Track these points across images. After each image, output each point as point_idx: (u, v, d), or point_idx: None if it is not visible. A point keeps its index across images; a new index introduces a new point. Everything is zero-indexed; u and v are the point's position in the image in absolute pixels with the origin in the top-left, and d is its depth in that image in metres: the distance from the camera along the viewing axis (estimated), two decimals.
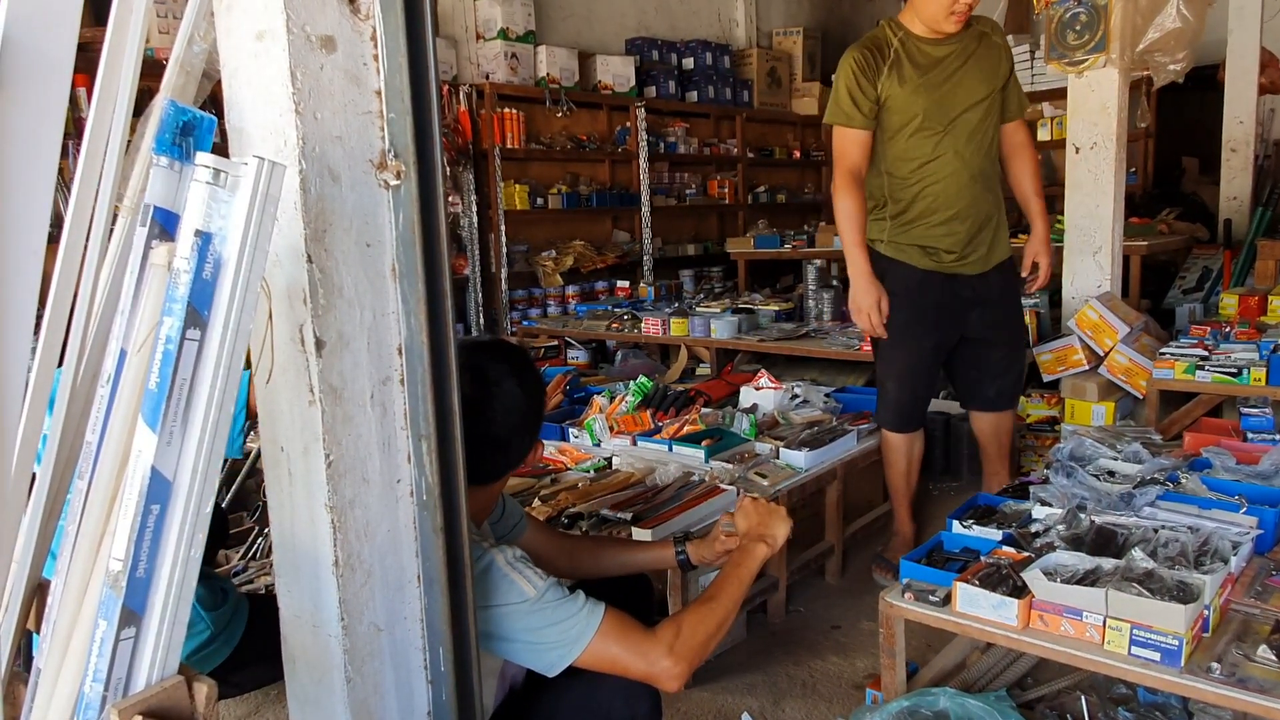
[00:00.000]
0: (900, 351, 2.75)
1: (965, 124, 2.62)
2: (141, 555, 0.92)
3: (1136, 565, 1.57)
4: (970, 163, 2.64)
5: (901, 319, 2.70)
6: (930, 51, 2.62)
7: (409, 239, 1.19)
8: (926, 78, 2.59)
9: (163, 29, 3.77)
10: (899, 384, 2.79)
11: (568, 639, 1.36)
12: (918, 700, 1.65)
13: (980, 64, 2.64)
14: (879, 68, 2.60)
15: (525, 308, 5.94)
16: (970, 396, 2.92)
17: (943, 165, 2.63)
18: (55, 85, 1.11)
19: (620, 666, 1.38)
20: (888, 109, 2.63)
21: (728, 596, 1.52)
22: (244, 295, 0.96)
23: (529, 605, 1.36)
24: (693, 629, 1.43)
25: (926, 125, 2.61)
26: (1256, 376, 2.96)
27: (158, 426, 0.92)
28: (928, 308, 2.70)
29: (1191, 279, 5.20)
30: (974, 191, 2.67)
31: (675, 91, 7.00)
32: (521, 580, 1.37)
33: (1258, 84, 5.47)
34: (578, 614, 1.37)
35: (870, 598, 1.81)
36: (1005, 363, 2.82)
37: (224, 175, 0.95)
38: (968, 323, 2.75)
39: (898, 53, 2.61)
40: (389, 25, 1.15)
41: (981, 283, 2.73)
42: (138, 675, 0.94)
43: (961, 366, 2.87)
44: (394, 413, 1.23)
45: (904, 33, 2.63)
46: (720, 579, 1.57)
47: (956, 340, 2.78)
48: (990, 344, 2.79)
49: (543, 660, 1.38)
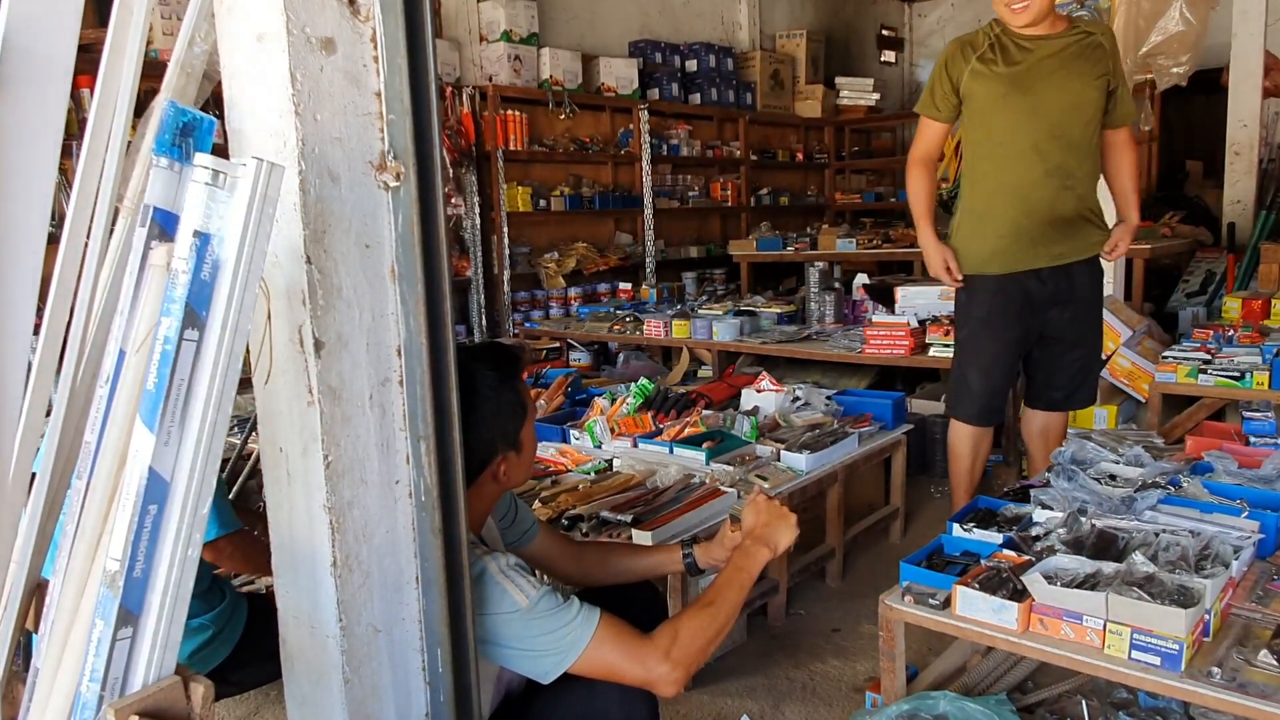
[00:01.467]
0: (983, 343, 2.79)
1: (1048, 118, 2.64)
2: (139, 555, 0.92)
3: (1137, 569, 1.56)
4: (1048, 157, 2.65)
5: (983, 312, 2.76)
6: (1025, 46, 2.65)
7: (408, 240, 1.19)
8: (1012, 69, 2.63)
9: (166, 30, 3.78)
10: (983, 375, 2.81)
11: (562, 646, 1.35)
12: (918, 704, 1.65)
13: (1078, 63, 2.64)
14: (966, 62, 2.68)
15: (528, 309, 5.95)
16: (1035, 395, 2.92)
17: (1020, 158, 2.66)
18: (56, 86, 1.11)
19: (617, 673, 1.37)
20: (970, 101, 2.71)
21: (727, 601, 1.50)
22: (242, 296, 0.96)
23: (521, 614, 1.35)
24: (691, 634, 1.41)
25: (1007, 113, 2.65)
26: (1259, 380, 2.95)
27: (155, 426, 0.92)
28: (1011, 299, 2.73)
29: (1195, 283, 5.19)
30: (1050, 187, 2.67)
31: (678, 94, 7.01)
32: (514, 589, 1.36)
33: (1262, 87, 5.46)
34: (571, 621, 1.35)
35: (870, 601, 1.80)
36: (1081, 364, 2.83)
37: (223, 176, 0.95)
38: (1048, 320, 2.77)
39: (991, 45, 2.66)
40: (389, 27, 1.15)
41: (1064, 279, 2.73)
42: (134, 675, 0.94)
43: (1033, 364, 2.88)
44: (393, 414, 1.23)
45: (1001, 29, 2.68)
46: (719, 582, 1.54)
47: (1037, 336, 2.80)
48: (1068, 344, 2.80)
49: (537, 667, 1.37)
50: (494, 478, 1.52)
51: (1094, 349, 2.88)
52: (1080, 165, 2.70)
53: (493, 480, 1.52)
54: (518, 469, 1.56)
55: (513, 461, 1.54)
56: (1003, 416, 2.92)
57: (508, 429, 1.51)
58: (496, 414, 1.49)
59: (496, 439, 1.50)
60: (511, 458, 1.53)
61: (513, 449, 1.52)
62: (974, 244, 2.77)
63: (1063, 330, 2.77)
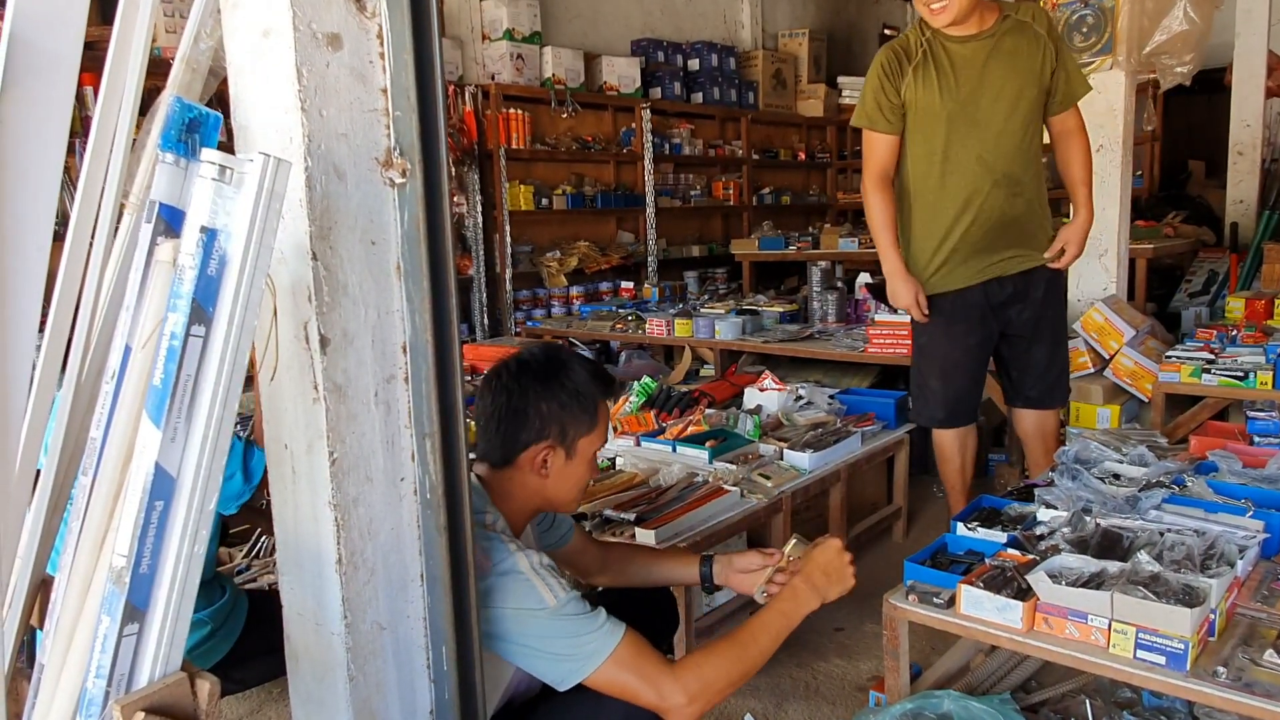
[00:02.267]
0: (944, 349, 2.75)
1: (990, 126, 2.56)
2: (145, 551, 0.92)
3: (1142, 568, 1.56)
4: (994, 167, 2.58)
5: (941, 319, 2.71)
6: (957, 50, 2.55)
7: (414, 237, 1.19)
8: (949, 79, 2.55)
9: (169, 28, 3.78)
10: (944, 380, 2.78)
11: (583, 653, 1.32)
12: (921, 703, 1.64)
13: (1013, 60, 2.55)
14: (903, 71, 2.57)
15: (529, 308, 5.95)
16: (1013, 394, 2.91)
17: (964, 171, 2.59)
18: (62, 83, 1.11)
19: (631, 693, 1.33)
20: (912, 111, 2.61)
21: (759, 646, 1.43)
22: (249, 292, 0.96)
23: (548, 613, 1.33)
24: (715, 671, 1.36)
25: (948, 128, 2.57)
26: (1263, 380, 2.95)
27: (162, 423, 0.92)
28: (970, 306, 2.70)
29: (1198, 282, 5.18)
30: (999, 197, 2.61)
31: (680, 93, 7.00)
32: (544, 588, 1.34)
33: (1265, 87, 5.46)
34: (596, 630, 1.33)
35: (873, 600, 1.80)
36: (1047, 360, 2.79)
37: (230, 172, 0.95)
38: (1008, 319, 2.73)
39: (924, 54, 2.57)
40: (395, 23, 1.15)
41: (1021, 280, 2.69)
42: (141, 671, 0.94)
43: (1004, 364, 2.86)
44: (398, 411, 1.23)
45: (931, 33, 2.58)
46: (759, 622, 1.47)
47: (998, 336, 2.77)
48: (1031, 341, 2.77)
49: (555, 671, 1.35)
50: (534, 468, 1.50)
51: (1058, 345, 2.82)
52: (1026, 169, 2.63)
53: (532, 470, 1.50)
54: (563, 477, 1.52)
55: (559, 462, 1.51)
56: (975, 416, 2.89)
57: (568, 425, 1.50)
58: (566, 405, 1.49)
59: (552, 424, 1.49)
60: (559, 456, 1.51)
61: (563, 447, 1.50)
62: (925, 260, 2.70)
63: (1023, 328, 2.74)
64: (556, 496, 1.55)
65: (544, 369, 1.51)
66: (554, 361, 1.53)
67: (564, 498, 1.56)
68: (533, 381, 1.50)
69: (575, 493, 1.57)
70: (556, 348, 1.59)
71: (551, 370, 1.51)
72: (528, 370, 1.51)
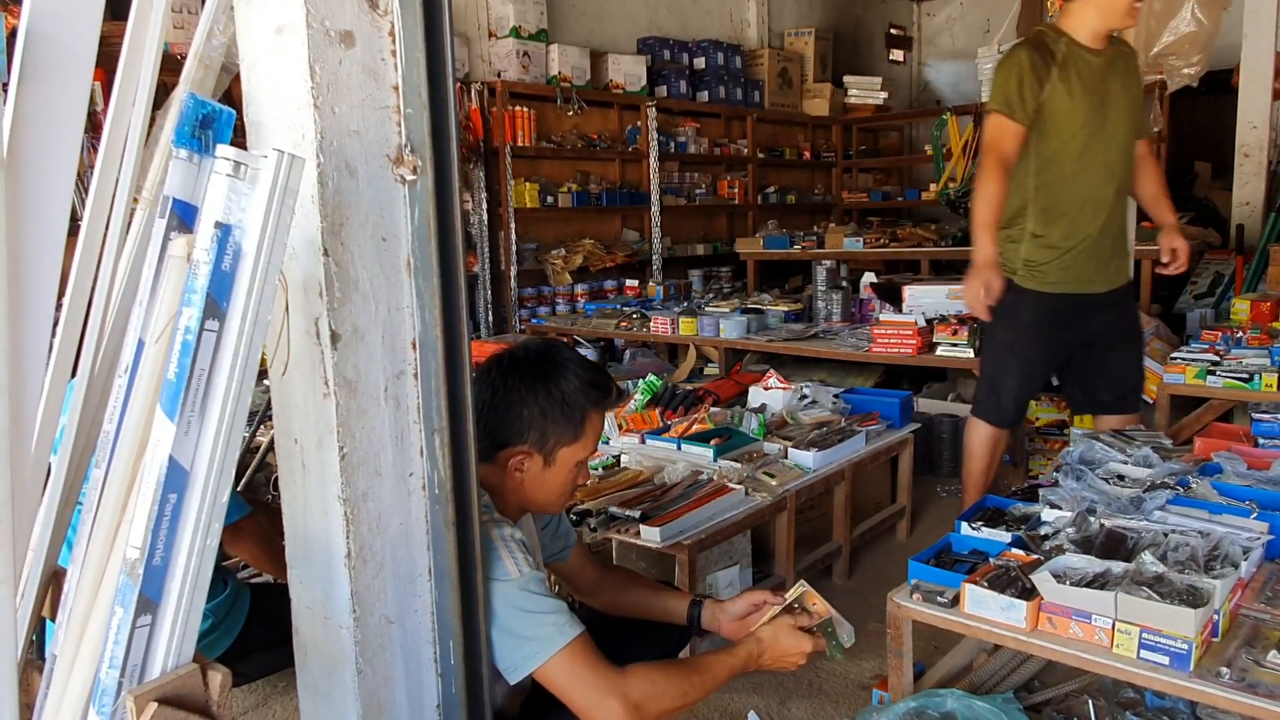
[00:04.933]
0: (1032, 349, 2.77)
1: (1114, 136, 2.64)
2: (159, 544, 0.93)
3: (1146, 569, 1.56)
4: (1115, 174, 2.66)
5: (1033, 317, 2.72)
6: (1091, 61, 2.62)
7: (424, 234, 1.19)
8: (1088, 87, 2.61)
9: (177, 24, 3.78)
10: (1022, 381, 2.80)
11: (540, 635, 1.31)
12: (924, 701, 1.65)
13: (1126, 80, 2.67)
14: (1049, 69, 2.60)
15: (534, 306, 5.96)
16: (1086, 401, 2.92)
17: (1093, 175, 2.64)
18: (77, 78, 1.12)
19: (579, 692, 1.31)
20: (1049, 113, 2.62)
21: (711, 678, 1.43)
22: (262, 287, 0.97)
23: (512, 584, 1.32)
24: (665, 691, 1.35)
25: (1084, 134, 2.61)
26: (1268, 382, 2.94)
27: (176, 416, 0.93)
28: (1060, 311, 2.71)
29: (1203, 284, 5.18)
30: (1119, 205, 2.70)
31: (686, 91, 7.00)
32: (509, 559, 1.34)
33: (1272, 89, 5.44)
34: (555, 615, 1.33)
35: (877, 599, 1.80)
36: (1126, 365, 2.82)
37: (244, 168, 0.96)
38: (1086, 328, 2.76)
39: (1065, 59, 2.60)
40: (407, 21, 1.16)
41: (1107, 294, 2.74)
42: (153, 662, 0.95)
43: (1078, 371, 2.87)
44: (407, 406, 1.23)
45: (1068, 39, 2.62)
46: (716, 658, 1.47)
47: (1079, 344, 2.79)
48: (1111, 346, 2.79)
49: (513, 656, 1.33)
50: (508, 469, 1.47)
51: (1137, 348, 2.88)
52: (1129, 185, 2.75)
53: (505, 471, 1.48)
54: (539, 483, 1.49)
55: (535, 468, 1.48)
56: (1022, 419, 2.92)
57: (549, 432, 1.46)
58: (549, 413, 1.46)
59: (532, 430, 1.45)
60: (536, 462, 1.47)
61: (540, 453, 1.47)
62: (1042, 262, 2.69)
63: (1105, 336, 2.77)
64: (534, 501, 1.52)
65: (535, 369, 1.47)
66: (547, 363, 1.48)
67: (542, 502, 1.53)
68: (520, 381, 1.46)
69: (555, 499, 1.54)
70: (556, 348, 1.54)
71: (542, 372, 1.47)
72: (518, 368, 1.48)
